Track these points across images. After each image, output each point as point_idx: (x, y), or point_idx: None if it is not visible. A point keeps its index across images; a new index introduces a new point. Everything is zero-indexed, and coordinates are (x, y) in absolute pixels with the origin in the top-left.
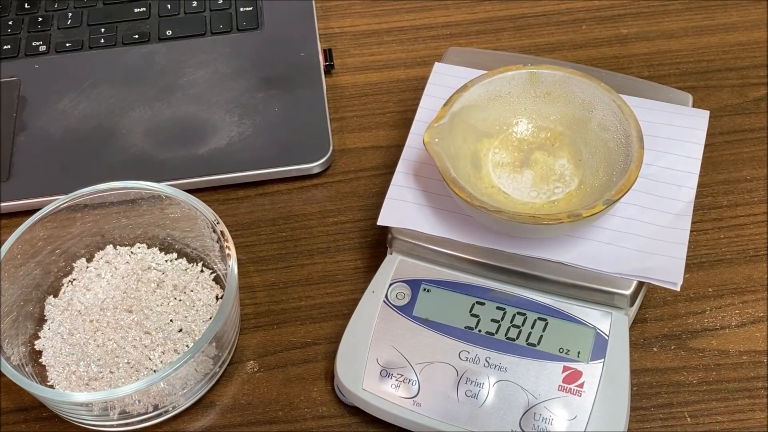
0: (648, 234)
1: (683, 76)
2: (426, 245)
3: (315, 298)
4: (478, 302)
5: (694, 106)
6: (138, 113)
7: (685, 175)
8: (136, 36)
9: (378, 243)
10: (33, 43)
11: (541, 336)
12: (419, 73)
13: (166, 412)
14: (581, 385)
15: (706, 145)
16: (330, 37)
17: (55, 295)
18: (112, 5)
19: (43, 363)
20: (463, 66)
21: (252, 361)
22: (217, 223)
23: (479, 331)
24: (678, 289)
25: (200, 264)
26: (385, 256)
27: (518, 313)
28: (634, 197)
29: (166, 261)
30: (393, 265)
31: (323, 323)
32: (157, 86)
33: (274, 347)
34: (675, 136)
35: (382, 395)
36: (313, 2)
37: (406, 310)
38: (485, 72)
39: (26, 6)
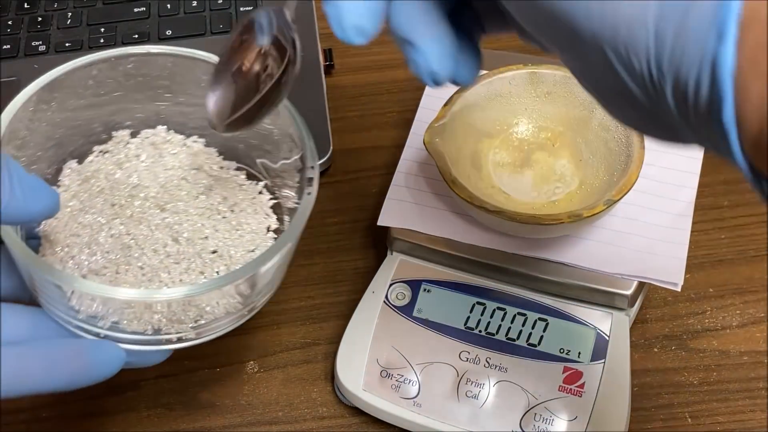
0: (649, 234)
1: None
2: (426, 245)
3: (315, 298)
4: (478, 302)
5: None
6: None
7: (685, 175)
8: (136, 36)
9: (378, 243)
10: (33, 43)
11: (542, 336)
12: None
13: (168, 341)
14: (582, 386)
15: None
16: (330, 37)
17: (80, 161)
18: (111, 5)
19: (37, 233)
20: None
21: (252, 362)
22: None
23: (479, 331)
24: (679, 289)
25: (261, 185)
26: (385, 256)
27: (519, 313)
28: (634, 197)
29: (223, 168)
30: (393, 266)
31: (323, 323)
32: None
33: (274, 347)
34: None
35: (382, 396)
36: (313, 2)
37: (406, 310)
38: (485, 72)
39: (26, 6)
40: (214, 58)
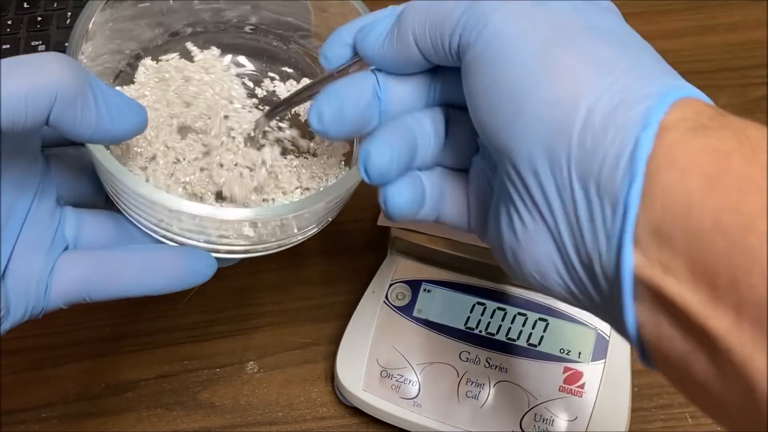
0: None
1: (684, 76)
2: (426, 245)
3: (315, 298)
4: (478, 303)
5: None
6: None
7: None
8: None
9: (378, 243)
10: (32, 43)
11: (542, 336)
12: None
13: (248, 252)
14: (582, 386)
15: None
16: None
17: (155, 59)
18: None
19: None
20: None
21: (252, 362)
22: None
23: (480, 331)
24: None
25: None
26: (385, 256)
27: (519, 313)
28: None
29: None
30: (393, 266)
31: (323, 324)
32: None
33: (274, 348)
34: None
35: (382, 396)
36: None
37: (406, 310)
38: None
39: (25, 5)
40: None
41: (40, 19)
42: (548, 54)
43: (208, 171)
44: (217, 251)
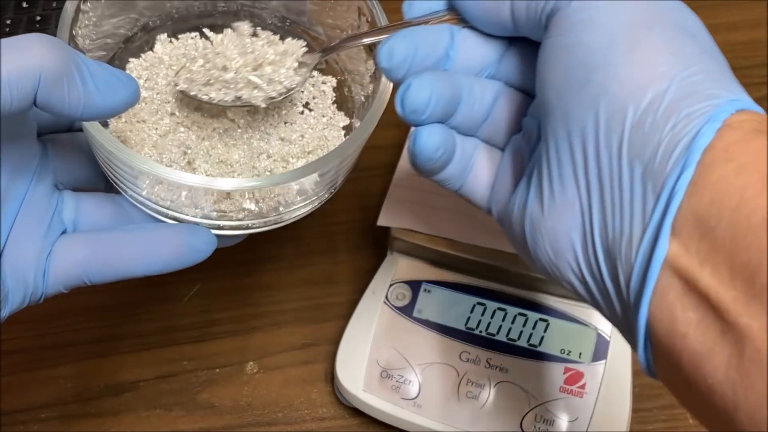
0: None
1: None
2: (426, 245)
3: (315, 298)
4: (478, 303)
5: None
6: None
7: None
8: None
9: (378, 243)
10: None
11: (543, 337)
12: None
13: (249, 227)
14: (583, 386)
15: None
16: None
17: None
18: None
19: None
20: None
21: (251, 363)
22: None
23: (480, 332)
24: None
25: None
26: (385, 256)
27: (519, 314)
28: None
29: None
30: (393, 266)
31: (323, 324)
32: None
33: (274, 348)
34: None
35: (382, 397)
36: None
37: (406, 310)
38: None
39: (24, 5)
40: None
41: (39, 18)
42: (634, 33)
43: (209, 142)
44: (218, 227)
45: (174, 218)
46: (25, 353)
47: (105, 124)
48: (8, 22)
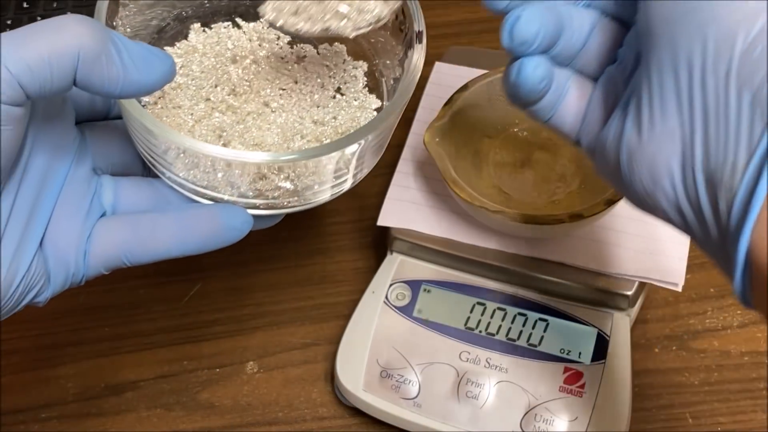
0: (649, 234)
1: None
2: (426, 245)
3: (315, 298)
4: (478, 303)
5: None
6: None
7: None
8: None
9: (378, 243)
10: None
11: (542, 337)
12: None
13: (282, 206)
14: (582, 386)
15: None
16: None
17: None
18: None
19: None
20: (464, 65)
21: (252, 362)
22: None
23: (480, 331)
24: (680, 289)
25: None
26: (385, 256)
27: (519, 313)
28: None
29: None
30: (393, 266)
31: (323, 324)
32: None
33: (274, 348)
34: None
35: (382, 396)
36: None
37: (406, 310)
38: (486, 71)
39: (25, 5)
40: None
41: (39, 18)
42: None
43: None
44: (254, 206)
45: (211, 198)
46: (25, 353)
47: None
48: (9, 22)
